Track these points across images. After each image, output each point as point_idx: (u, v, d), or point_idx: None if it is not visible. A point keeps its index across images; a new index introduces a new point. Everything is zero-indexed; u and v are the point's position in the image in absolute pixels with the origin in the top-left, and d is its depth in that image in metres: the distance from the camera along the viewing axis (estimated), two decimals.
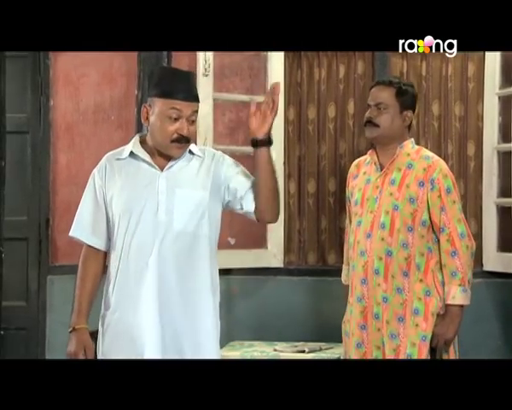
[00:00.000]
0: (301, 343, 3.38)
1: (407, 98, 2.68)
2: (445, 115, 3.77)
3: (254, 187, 2.31)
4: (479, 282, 3.61)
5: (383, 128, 2.64)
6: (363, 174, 2.74)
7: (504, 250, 3.58)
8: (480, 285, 3.60)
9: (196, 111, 2.29)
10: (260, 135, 2.25)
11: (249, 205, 2.32)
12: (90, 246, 2.38)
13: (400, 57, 3.80)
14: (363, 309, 2.62)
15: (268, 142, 2.27)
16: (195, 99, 2.29)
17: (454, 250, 2.57)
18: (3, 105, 2.94)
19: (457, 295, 2.57)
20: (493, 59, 3.58)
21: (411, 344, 2.55)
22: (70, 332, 2.34)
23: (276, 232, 3.75)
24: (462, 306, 2.59)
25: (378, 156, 2.70)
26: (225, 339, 3.54)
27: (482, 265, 3.64)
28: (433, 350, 2.58)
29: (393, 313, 2.58)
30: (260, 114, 2.25)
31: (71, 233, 2.41)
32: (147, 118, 2.29)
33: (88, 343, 2.32)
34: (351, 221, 2.78)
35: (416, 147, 2.73)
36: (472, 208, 3.74)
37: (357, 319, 2.64)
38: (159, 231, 2.26)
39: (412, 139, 2.73)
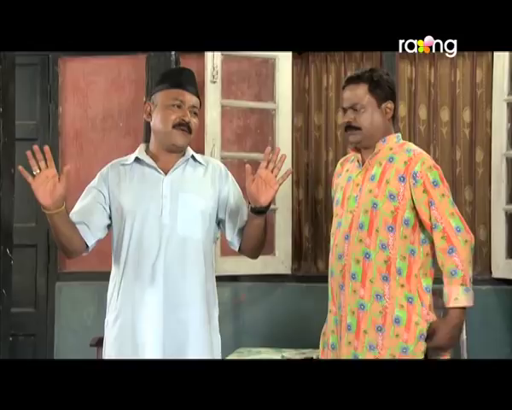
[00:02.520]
0: (309, 350, 3.37)
1: (383, 89, 2.46)
2: (454, 121, 3.76)
3: (245, 232, 2.31)
4: (488, 289, 3.60)
5: (365, 129, 2.44)
6: (345, 172, 2.56)
7: None
8: (489, 292, 3.58)
9: (198, 105, 2.35)
10: (264, 203, 2.17)
11: (235, 242, 2.36)
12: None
13: (408, 63, 3.79)
14: (340, 318, 2.43)
15: (267, 208, 2.21)
16: (196, 93, 2.35)
17: (451, 247, 2.32)
18: (13, 112, 2.95)
19: (460, 296, 2.29)
20: (501, 65, 3.56)
21: (390, 356, 2.34)
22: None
23: (283, 239, 3.74)
24: (464, 308, 2.32)
25: (361, 153, 2.50)
26: (233, 346, 3.54)
27: (491, 272, 3.62)
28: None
29: (372, 321, 2.36)
30: (262, 179, 2.15)
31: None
32: (149, 113, 2.36)
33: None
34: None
35: (402, 141, 2.51)
36: (481, 215, 3.72)
37: (338, 329, 2.45)
38: (163, 234, 2.27)
39: (398, 134, 2.53)
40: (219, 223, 2.40)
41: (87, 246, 2.32)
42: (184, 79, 2.35)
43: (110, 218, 2.35)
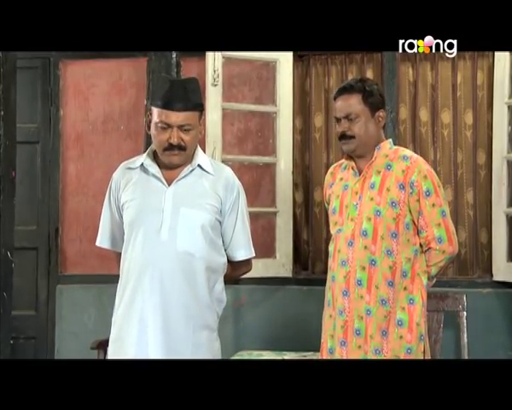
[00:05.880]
0: (310, 353, 3.37)
1: (375, 98, 2.52)
2: (455, 124, 3.76)
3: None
4: (489, 292, 3.59)
5: (359, 137, 2.50)
6: (339, 180, 2.61)
7: None
8: (490, 295, 3.58)
9: (190, 121, 2.26)
10: None
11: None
12: (115, 252, 2.42)
13: (409, 66, 3.79)
14: (344, 324, 2.47)
15: None
16: (188, 108, 2.26)
17: (428, 249, 2.49)
18: (14, 115, 2.95)
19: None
20: (502, 68, 3.56)
21: (395, 358, 2.41)
22: None
23: (284, 242, 3.74)
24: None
25: (355, 161, 2.56)
26: (234, 349, 3.54)
27: (492, 275, 3.61)
28: None
29: (377, 326, 2.43)
30: None
31: (97, 244, 2.45)
32: (149, 126, 2.34)
33: None
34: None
35: (395, 147, 2.59)
36: (483, 218, 3.71)
37: (338, 334, 2.48)
38: (160, 249, 2.25)
39: (390, 140, 2.61)
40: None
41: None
42: (172, 96, 2.25)
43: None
